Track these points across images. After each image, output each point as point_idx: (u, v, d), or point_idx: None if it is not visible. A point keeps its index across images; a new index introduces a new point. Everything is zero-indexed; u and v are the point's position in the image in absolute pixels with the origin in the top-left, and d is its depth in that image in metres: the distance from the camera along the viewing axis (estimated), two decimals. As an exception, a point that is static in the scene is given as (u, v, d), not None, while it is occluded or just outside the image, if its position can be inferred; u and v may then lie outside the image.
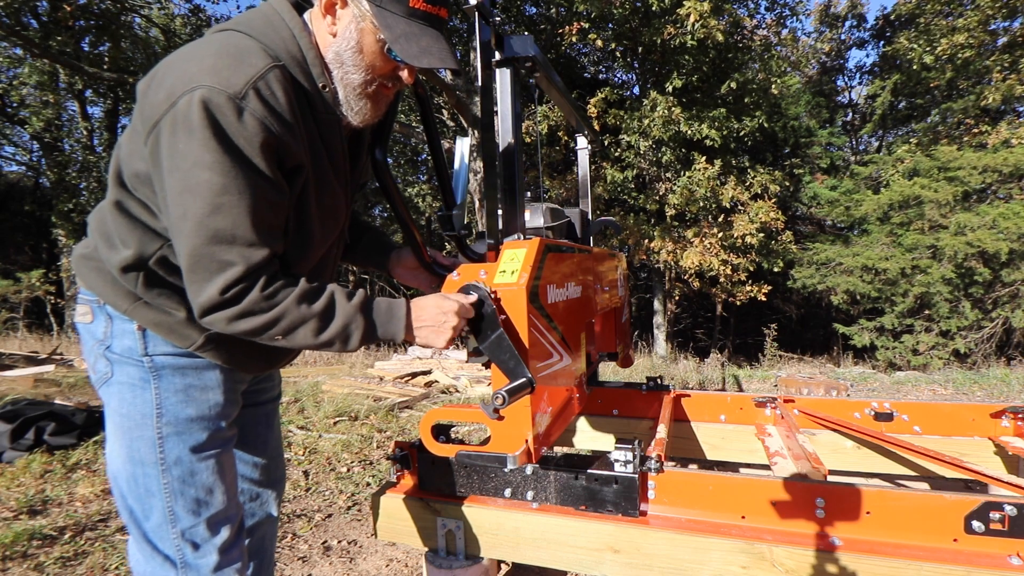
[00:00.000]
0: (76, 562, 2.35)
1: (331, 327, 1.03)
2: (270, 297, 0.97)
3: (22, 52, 12.06)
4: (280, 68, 0.97)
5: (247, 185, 0.92)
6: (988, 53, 11.55)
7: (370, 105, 1.11)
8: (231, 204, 0.91)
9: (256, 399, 1.38)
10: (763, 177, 11.37)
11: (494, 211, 1.37)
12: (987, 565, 1.29)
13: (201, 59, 0.93)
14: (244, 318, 0.96)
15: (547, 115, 10.87)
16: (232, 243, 0.93)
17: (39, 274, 13.34)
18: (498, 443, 1.25)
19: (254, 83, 0.92)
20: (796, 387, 5.68)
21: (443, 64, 1.03)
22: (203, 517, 1.10)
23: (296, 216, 1.07)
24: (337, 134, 1.11)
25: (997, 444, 2.20)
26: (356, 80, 1.06)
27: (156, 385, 1.08)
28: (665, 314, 13.53)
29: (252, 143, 0.92)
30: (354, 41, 1.03)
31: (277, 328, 0.99)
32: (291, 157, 0.99)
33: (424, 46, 1.01)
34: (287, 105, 0.97)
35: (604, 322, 2.52)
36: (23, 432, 3.56)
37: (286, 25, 1.03)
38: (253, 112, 0.92)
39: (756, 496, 1.49)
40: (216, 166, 0.90)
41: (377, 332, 1.08)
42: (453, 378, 6.02)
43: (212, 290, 0.93)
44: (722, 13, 9.65)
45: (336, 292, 1.05)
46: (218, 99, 0.89)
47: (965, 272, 10.23)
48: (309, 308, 1.00)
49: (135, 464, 1.08)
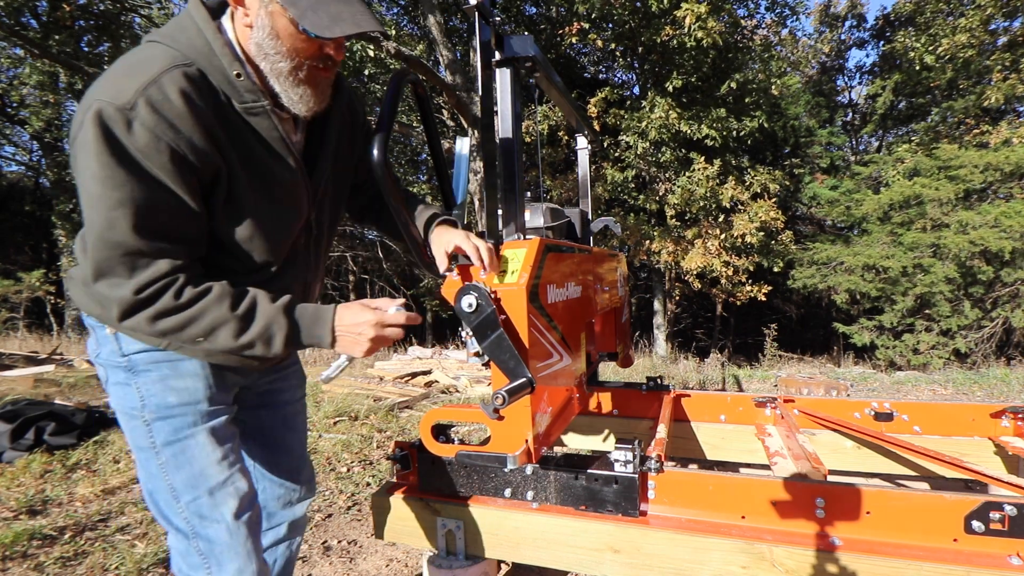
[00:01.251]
0: (76, 562, 2.35)
1: (252, 328, 1.03)
2: (186, 297, 0.98)
3: (22, 52, 12.06)
4: (181, 68, 0.95)
5: (141, 195, 0.93)
6: (989, 52, 11.54)
7: (309, 90, 1.07)
8: (126, 215, 0.92)
9: (272, 399, 1.38)
10: (763, 177, 11.37)
11: (494, 211, 1.37)
12: (987, 565, 1.29)
13: (106, 75, 0.96)
14: (162, 318, 0.98)
15: (547, 115, 10.87)
16: (136, 253, 0.95)
17: (39, 274, 13.34)
18: (498, 443, 1.25)
19: (144, 90, 0.92)
20: (796, 387, 5.68)
21: (358, 29, 0.97)
22: (203, 488, 1.13)
23: (231, 215, 1.07)
24: (267, 121, 1.07)
25: (997, 444, 2.20)
26: (284, 68, 1.04)
27: (136, 381, 1.12)
28: (665, 314, 13.54)
29: (145, 152, 0.92)
30: (268, 27, 1.00)
31: (195, 328, 1.00)
32: (199, 158, 0.98)
33: (334, 13, 0.97)
34: (184, 106, 0.94)
35: (604, 322, 2.52)
36: (23, 432, 3.56)
37: (193, 22, 1.02)
38: (143, 122, 0.91)
39: (756, 496, 1.49)
40: (108, 180, 0.91)
41: (301, 335, 1.08)
42: (453, 378, 6.02)
43: (126, 292, 0.96)
44: (721, 14, 9.64)
45: (259, 295, 1.06)
46: (108, 111, 0.90)
47: (967, 271, 10.23)
48: (230, 310, 1.01)
49: (137, 451, 1.15)
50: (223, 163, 1.02)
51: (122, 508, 2.86)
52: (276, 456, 1.40)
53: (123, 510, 2.84)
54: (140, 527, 2.66)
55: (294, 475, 1.43)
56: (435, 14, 9.09)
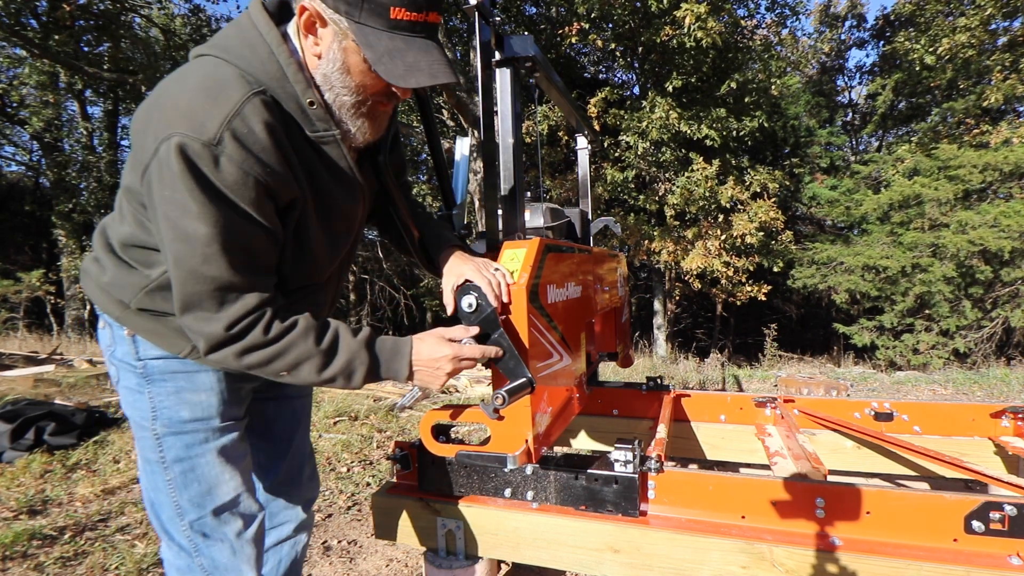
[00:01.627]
0: (76, 562, 2.35)
1: (334, 363, 1.02)
2: (274, 333, 0.97)
3: (22, 52, 12.06)
4: (258, 95, 0.93)
5: (234, 230, 0.92)
6: (989, 52, 11.54)
7: (368, 123, 1.07)
8: (221, 252, 0.91)
9: (281, 392, 1.38)
10: (763, 177, 11.37)
11: (494, 211, 1.37)
12: (987, 565, 1.28)
13: (178, 98, 0.91)
14: (249, 353, 0.97)
15: (547, 115, 10.86)
16: (227, 288, 0.93)
17: (39, 274, 13.31)
18: (498, 443, 1.25)
19: (229, 123, 0.89)
20: (796, 387, 5.68)
21: (433, 81, 0.95)
22: (208, 509, 1.12)
23: (296, 241, 1.06)
24: (336, 150, 1.06)
25: (997, 444, 2.20)
26: (348, 101, 1.02)
27: (149, 390, 1.11)
28: (665, 314, 13.53)
29: (233, 189, 0.90)
30: (339, 62, 0.97)
31: (281, 363, 0.99)
32: (281, 189, 0.97)
33: (411, 62, 0.94)
34: (268, 138, 0.93)
35: (604, 322, 2.52)
36: (23, 432, 3.56)
37: (264, 41, 0.97)
38: (231, 157, 0.89)
39: (756, 496, 1.49)
40: (202, 216, 0.89)
41: (380, 370, 1.07)
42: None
43: (217, 327, 0.94)
44: (721, 14, 9.64)
45: (341, 329, 1.05)
46: (194, 146, 0.87)
47: (966, 271, 10.23)
48: (315, 345, 1.00)
49: (145, 461, 1.14)
50: (299, 192, 1.01)
51: (122, 508, 2.86)
52: (281, 450, 1.40)
53: (123, 510, 2.84)
54: (140, 527, 2.66)
55: (299, 472, 1.44)
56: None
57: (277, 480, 1.40)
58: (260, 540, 1.21)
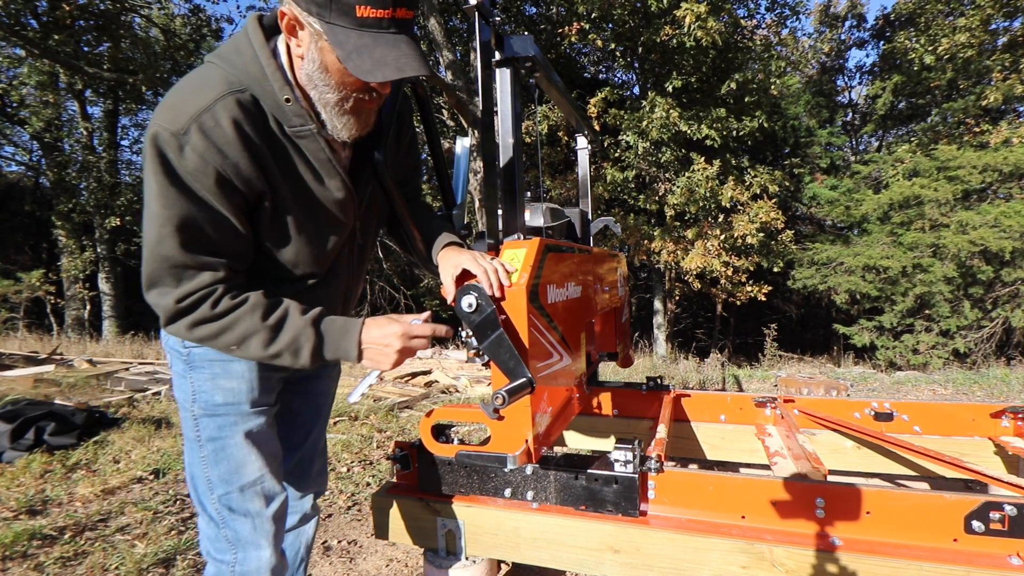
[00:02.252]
0: (76, 562, 2.35)
1: (280, 339, 1.08)
2: (221, 308, 1.05)
3: (22, 52, 12.05)
4: (235, 95, 1.02)
5: (188, 214, 1.00)
6: (988, 53, 11.54)
7: (353, 120, 1.11)
8: (175, 232, 0.99)
9: (309, 387, 1.46)
10: (763, 177, 11.37)
11: (494, 211, 1.37)
12: (987, 565, 1.29)
13: (168, 98, 1.03)
14: (199, 326, 1.05)
15: (547, 115, 10.86)
16: (181, 267, 1.02)
17: (39, 274, 13.32)
18: (498, 443, 1.25)
19: (198, 117, 0.98)
20: (796, 387, 5.69)
21: (400, 74, 0.98)
22: (234, 486, 1.22)
23: (279, 228, 1.13)
24: (314, 144, 1.11)
25: (997, 444, 2.20)
26: (332, 99, 1.08)
27: (191, 376, 1.22)
28: (665, 314, 13.53)
29: (193, 175, 0.99)
30: (318, 61, 1.03)
31: (230, 336, 1.06)
32: (244, 181, 1.04)
33: (378, 58, 0.98)
34: (233, 133, 1.00)
35: (604, 322, 2.52)
36: (23, 432, 3.56)
37: (250, 46, 1.06)
38: (194, 147, 0.98)
39: (756, 496, 1.49)
40: (160, 198, 0.98)
41: (327, 348, 1.11)
42: (453, 378, 6.02)
43: (169, 300, 1.03)
44: (721, 14, 9.63)
45: (291, 307, 1.10)
46: (164, 135, 0.97)
47: (967, 271, 10.23)
48: (262, 321, 1.06)
49: (186, 439, 1.25)
50: (267, 187, 1.08)
51: (122, 508, 2.86)
52: (298, 441, 1.47)
53: (123, 510, 2.84)
54: (140, 527, 2.66)
55: (309, 464, 1.51)
56: (435, 15, 9.09)
57: (288, 470, 1.45)
58: (281, 519, 1.30)
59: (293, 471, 1.47)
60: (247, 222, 1.08)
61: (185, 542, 2.50)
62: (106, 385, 5.65)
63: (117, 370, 6.33)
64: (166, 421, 4.31)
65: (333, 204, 1.18)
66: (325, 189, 1.16)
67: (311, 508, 1.54)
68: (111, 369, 6.38)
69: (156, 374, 6.12)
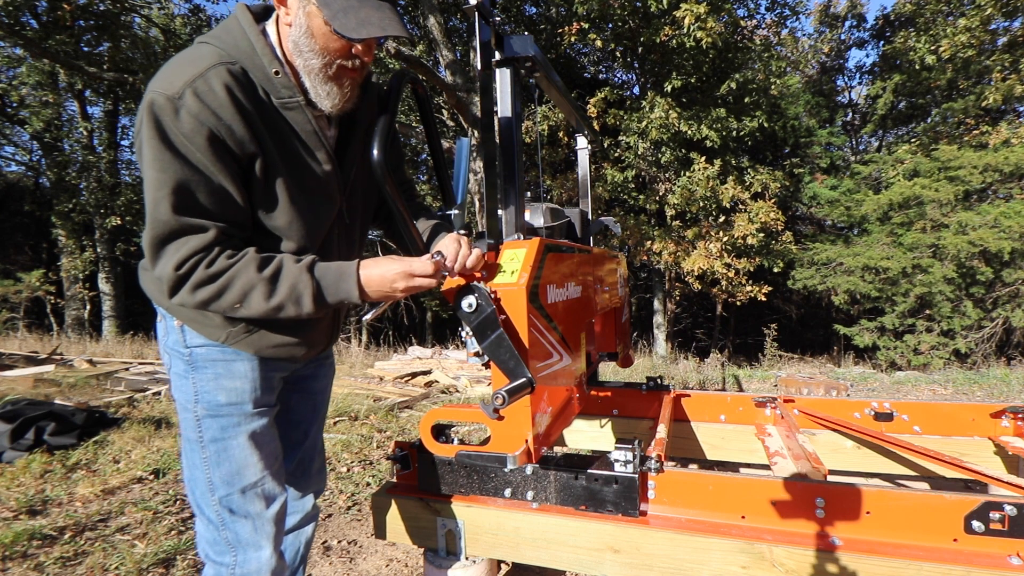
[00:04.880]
0: (76, 562, 2.35)
1: (279, 289, 1.09)
2: (216, 267, 1.06)
3: (22, 52, 12.05)
4: (225, 65, 1.05)
5: (183, 177, 1.02)
6: (989, 53, 11.54)
7: (336, 88, 1.15)
8: (170, 195, 1.01)
9: (306, 386, 1.47)
10: (763, 177, 11.36)
11: (494, 211, 1.37)
12: (987, 565, 1.29)
13: (162, 70, 1.06)
14: (199, 288, 1.06)
15: (547, 115, 10.86)
16: (178, 231, 1.03)
17: (39, 274, 13.33)
18: (498, 443, 1.25)
19: (192, 83, 1.01)
20: (796, 387, 5.69)
21: (383, 32, 1.05)
22: (236, 487, 1.23)
23: (271, 196, 1.15)
24: (301, 115, 1.15)
25: (997, 444, 2.20)
26: (315, 64, 1.11)
27: (193, 376, 1.22)
28: (665, 314, 13.53)
29: (189, 136, 1.01)
30: (304, 27, 1.08)
31: (231, 294, 1.07)
32: (236, 143, 1.06)
33: (363, 17, 1.04)
34: (226, 96, 1.03)
35: (604, 322, 2.52)
36: (23, 432, 3.56)
37: (239, 26, 1.12)
38: (189, 109, 1.00)
39: (756, 496, 1.49)
40: (156, 162, 1.01)
41: (327, 293, 1.13)
42: (453, 378, 6.02)
43: (168, 269, 1.04)
44: (720, 14, 9.63)
45: (285, 258, 1.12)
46: (159, 100, 1.00)
47: (967, 271, 10.22)
48: (258, 274, 1.08)
49: (186, 440, 1.25)
50: (260, 151, 1.10)
51: (122, 508, 2.86)
52: (297, 441, 1.48)
53: (123, 510, 2.84)
54: (140, 527, 2.66)
55: (309, 463, 1.52)
56: (435, 15, 9.09)
57: (289, 471, 1.45)
58: (281, 520, 1.31)
59: (294, 471, 1.48)
60: (242, 187, 1.10)
61: (185, 542, 2.50)
62: (106, 385, 5.65)
63: (117, 370, 6.33)
64: (166, 421, 4.31)
65: (319, 174, 1.21)
66: (312, 160, 1.19)
67: (311, 507, 1.55)
68: (111, 369, 6.38)
69: (156, 374, 6.12)
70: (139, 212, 13.93)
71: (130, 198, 13.89)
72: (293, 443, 1.47)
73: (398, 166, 1.48)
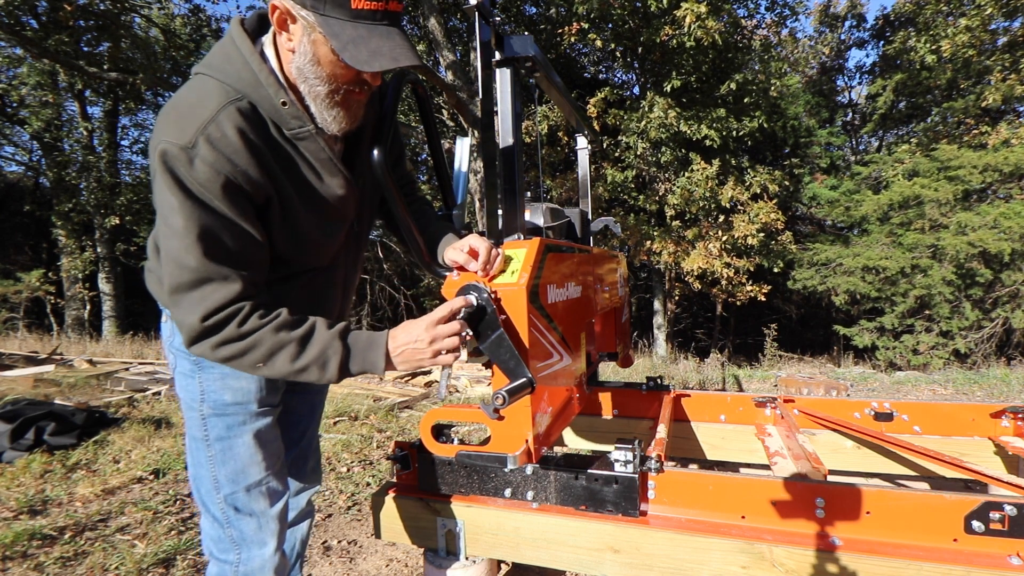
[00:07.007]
0: (76, 562, 2.35)
1: (308, 352, 1.08)
2: (248, 327, 1.04)
3: (22, 52, 12.04)
4: (235, 103, 1.03)
5: (208, 224, 1.00)
6: (989, 53, 11.54)
7: (343, 112, 1.12)
8: (196, 242, 0.99)
9: (304, 387, 1.47)
10: (763, 177, 11.36)
11: (494, 211, 1.37)
12: (987, 565, 1.29)
13: (168, 113, 1.03)
14: (225, 345, 1.04)
15: (547, 115, 10.86)
16: (205, 279, 1.01)
17: (39, 274, 13.31)
18: (498, 443, 1.25)
19: (204, 129, 0.99)
20: (796, 387, 5.69)
21: (396, 64, 1.01)
22: (241, 485, 1.24)
23: (286, 229, 1.14)
24: (314, 144, 1.13)
25: (997, 444, 2.20)
26: (322, 91, 1.09)
27: (199, 376, 1.23)
28: (665, 314, 13.53)
29: (205, 186, 0.99)
30: (310, 54, 1.04)
31: (257, 354, 1.05)
32: (253, 187, 1.05)
33: (374, 48, 1.00)
34: (239, 141, 1.02)
35: (604, 322, 2.52)
36: (23, 432, 3.56)
37: (239, 52, 1.07)
38: (203, 159, 0.99)
39: (756, 496, 1.49)
40: (180, 212, 0.99)
41: (354, 361, 1.12)
42: (453, 378, 6.01)
43: (193, 319, 1.02)
44: (720, 14, 9.63)
45: (318, 321, 1.11)
46: (172, 150, 0.98)
47: (966, 272, 10.22)
48: (288, 334, 1.06)
49: (191, 439, 1.26)
50: (274, 190, 1.09)
51: (122, 508, 2.86)
52: (293, 440, 1.49)
53: (123, 510, 2.84)
54: (140, 527, 2.66)
55: (304, 462, 1.53)
56: (436, 15, 9.09)
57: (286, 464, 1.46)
58: (284, 517, 1.32)
59: (289, 469, 1.49)
60: (261, 228, 1.09)
61: (185, 542, 2.50)
62: (106, 385, 5.65)
63: (117, 370, 6.33)
64: (166, 421, 4.31)
65: (336, 201, 1.20)
66: (327, 187, 1.18)
67: (307, 504, 1.57)
68: (111, 369, 6.38)
69: (156, 374, 6.12)
70: (139, 212, 13.94)
71: (130, 198, 13.88)
72: (291, 442, 1.48)
73: (399, 162, 1.48)
